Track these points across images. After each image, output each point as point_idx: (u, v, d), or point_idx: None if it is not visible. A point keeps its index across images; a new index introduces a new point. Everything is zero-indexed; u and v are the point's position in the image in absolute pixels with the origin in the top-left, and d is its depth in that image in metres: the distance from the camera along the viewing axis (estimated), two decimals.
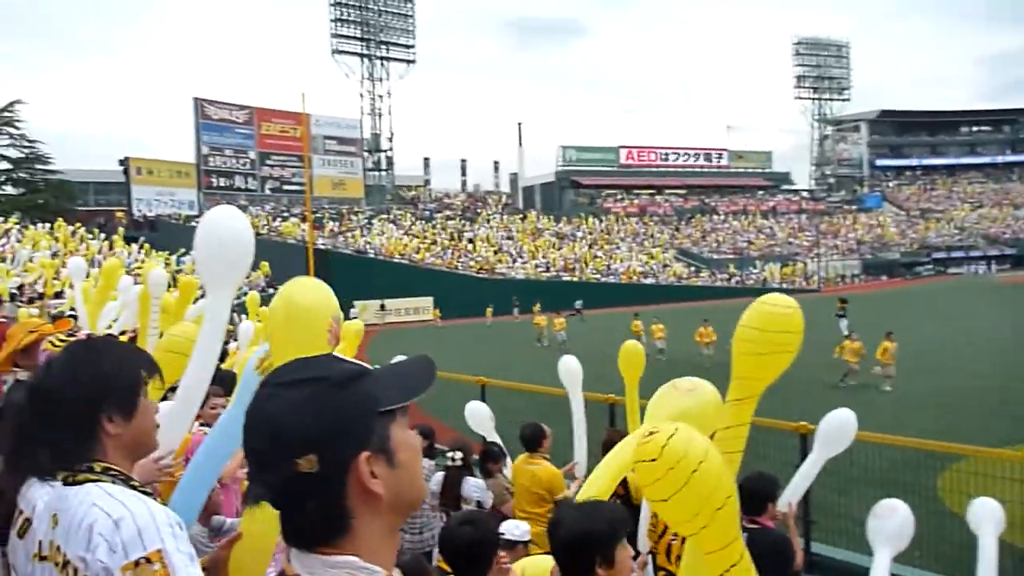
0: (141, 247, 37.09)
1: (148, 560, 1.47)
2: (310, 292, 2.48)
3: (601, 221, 73.45)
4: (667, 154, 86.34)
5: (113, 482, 1.64)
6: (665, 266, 64.13)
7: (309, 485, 1.05)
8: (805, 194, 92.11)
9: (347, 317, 9.28)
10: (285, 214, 58.78)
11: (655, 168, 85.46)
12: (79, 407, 1.69)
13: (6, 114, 56.22)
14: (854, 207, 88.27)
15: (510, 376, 14.65)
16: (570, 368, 6.52)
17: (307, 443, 1.06)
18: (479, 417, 7.10)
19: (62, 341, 3.36)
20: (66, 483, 1.64)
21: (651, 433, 2.15)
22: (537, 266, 58.15)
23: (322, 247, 48.12)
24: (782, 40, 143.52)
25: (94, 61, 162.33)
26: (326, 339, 2.32)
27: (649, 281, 59.33)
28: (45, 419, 1.70)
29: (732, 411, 2.90)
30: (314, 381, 1.10)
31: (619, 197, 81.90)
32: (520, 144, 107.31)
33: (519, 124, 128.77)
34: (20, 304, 14.07)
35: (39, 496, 1.69)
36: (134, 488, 1.65)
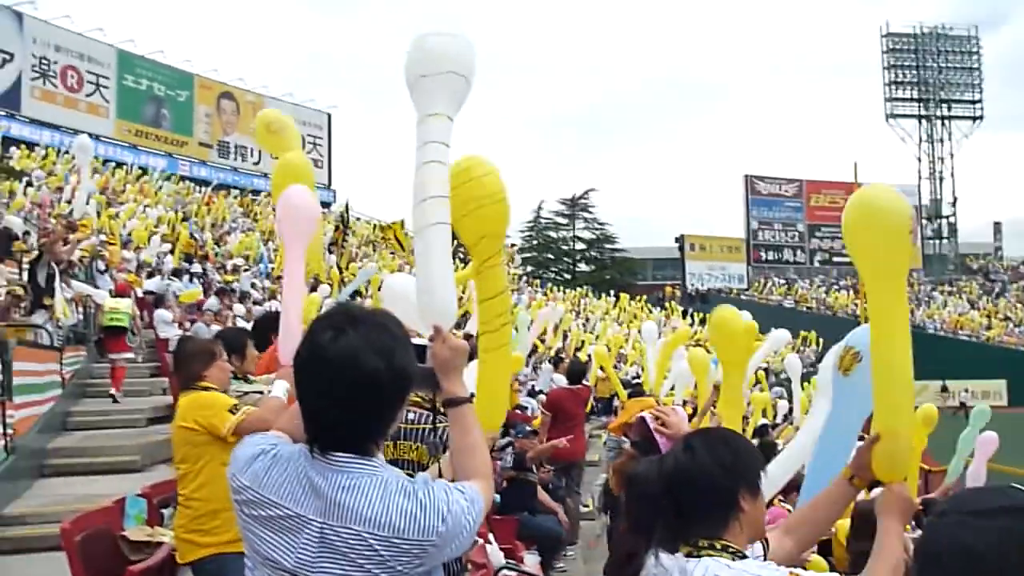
0: (698, 319, 39.13)
1: None
2: None
3: None
4: None
5: (733, 558, 1.81)
6: None
7: None
8: None
9: None
10: (835, 286, 57.21)
11: None
12: (722, 487, 1.89)
13: (582, 200, 64.77)
14: None
15: None
16: None
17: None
18: None
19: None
20: (688, 555, 1.84)
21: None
22: None
23: None
24: None
25: (654, 147, 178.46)
26: None
27: None
28: (685, 498, 1.90)
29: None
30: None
31: None
32: None
33: None
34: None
35: (674, 566, 1.86)
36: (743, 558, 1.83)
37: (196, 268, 21.45)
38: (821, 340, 37.12)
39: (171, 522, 4.69)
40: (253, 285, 20.42)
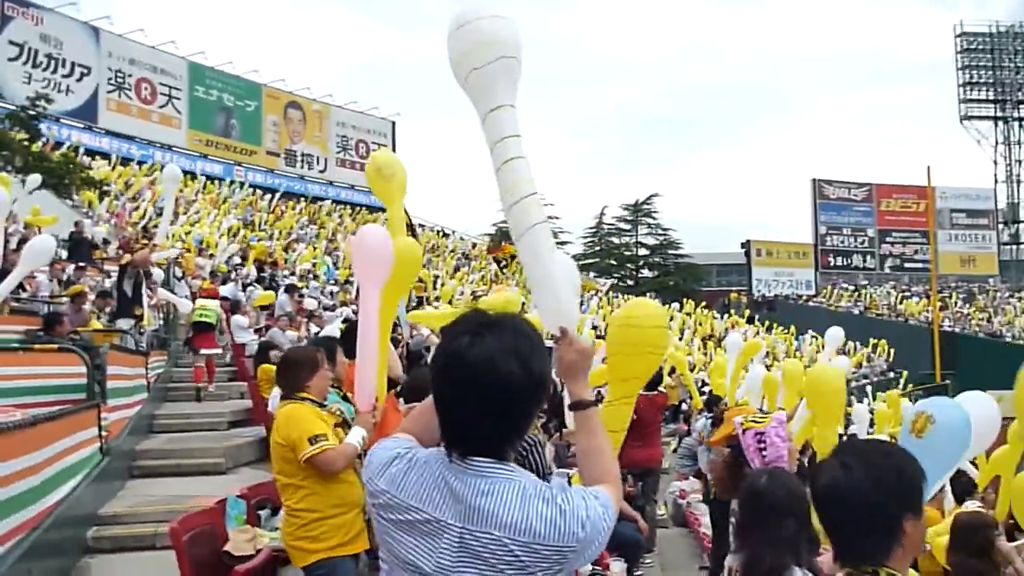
0: (767, 326, 38.56)
1: None
2: None
3: None
4: None
5: None
6: None
7: None
8: None
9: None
10: (907, 293, 55.73)
11: None
12: (883, 510, 1.82)
13: (646, 206, 64.34)
14: None
15: None
16: None
17: None
18: None
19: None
20: None
21: None
22: None
23: (948, 329, 44.26)
24: None
25: (719, 152, 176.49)
26: None
27: None
28: (840, 519, 1.86)
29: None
30: None
31: None
32: None
33: None
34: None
35: None
36: None
37: (266, 274, 21.97)
38: (892, 349, 36.23)
39: (268, 523, 4.79)
40: (318, 302, 20.66)
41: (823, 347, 34.90)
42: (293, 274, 23.89)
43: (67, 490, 5.82)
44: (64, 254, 15.68)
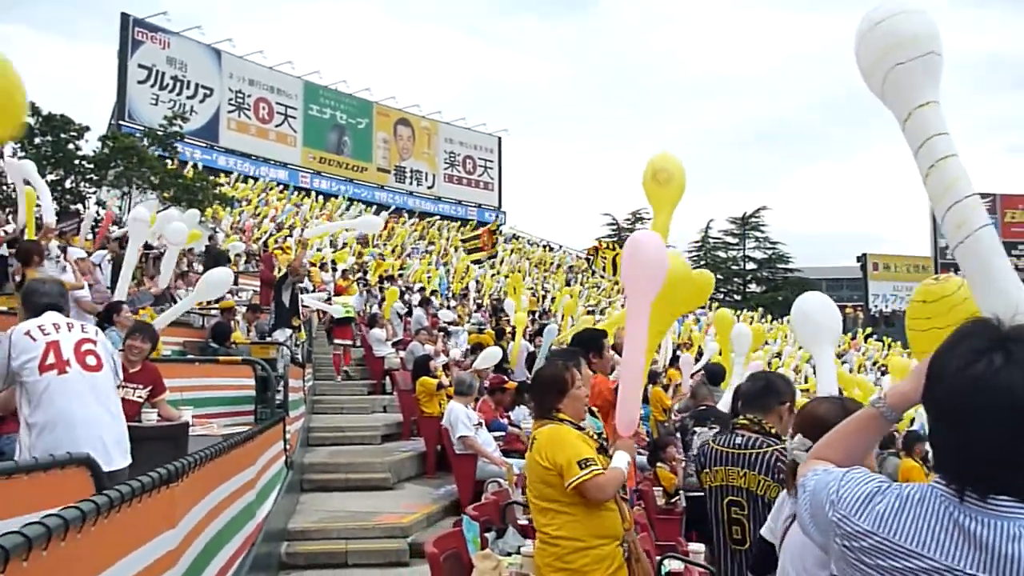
0: (887, 344, 37.06)
1: None
2: None
3: None
4: None
5: None
6: None
7: None
8: None
9: None
10: None
11: None
12: None
13: (753, 219, 62.88)
14: None
15: None
16: None
17: None
18: None
19: None
20: None
21: None
22: None
23: None
24: None
25: (830, 165, 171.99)
26: None
27: None
28: None
29: None
30: None
31: None
32: None
33: None
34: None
35: None
36: None
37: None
38: None
39: (495, 546, 4.53)
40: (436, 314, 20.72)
41: None
42: (409, 288, 24.06)
43: (270, 505, 5.72)
44: (200, 267, 16.07)
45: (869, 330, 40.88)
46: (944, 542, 1.44)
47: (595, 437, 3.93)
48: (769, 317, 41.85)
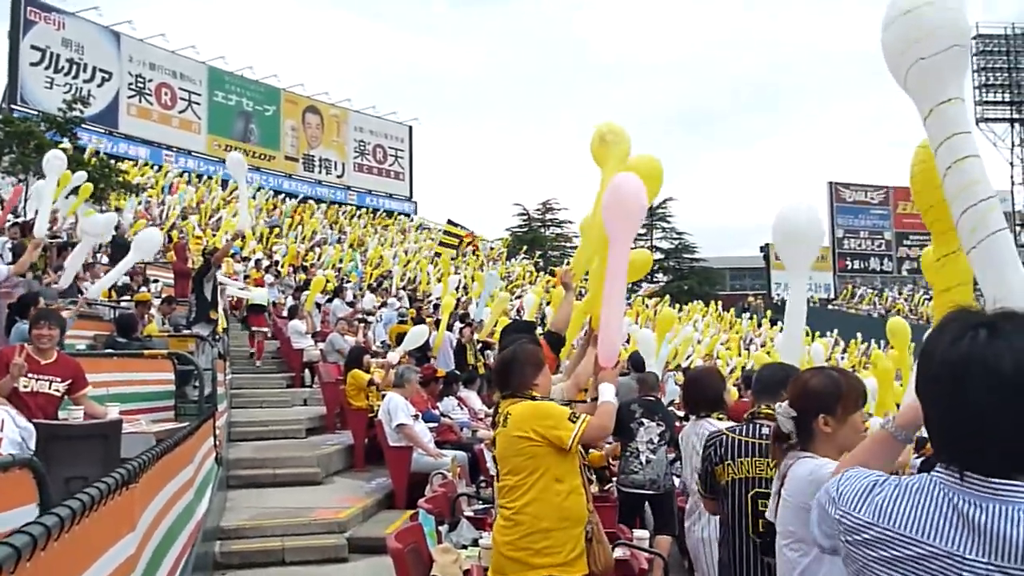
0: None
1: None
2: None
3: None
4: None
5: None
6: None
7: None
8: None
9: None
10: (926, 295, 55.46)
11: None
12: None
13: (660, 210, 64.09)
14: None
15: None
16: None
17: None
18: None
19: None
20: None
21: None
22: None
23: None
24: None
25: (731, 155, 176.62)
26: None
27: None
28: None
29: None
30: None
31: None
32: None
33: None
34: None
35: None
36: None
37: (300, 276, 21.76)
38: (914, 345, 35.98)
39: (448, 538, 4.47)
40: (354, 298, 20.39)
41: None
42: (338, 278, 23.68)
43: (206, 503, 5.50)
44: (105, 259, 15.39)
45: (770, 315, 42.07)
46: (943, 528, 1.45)
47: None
48: (677, 305, 42.72)
